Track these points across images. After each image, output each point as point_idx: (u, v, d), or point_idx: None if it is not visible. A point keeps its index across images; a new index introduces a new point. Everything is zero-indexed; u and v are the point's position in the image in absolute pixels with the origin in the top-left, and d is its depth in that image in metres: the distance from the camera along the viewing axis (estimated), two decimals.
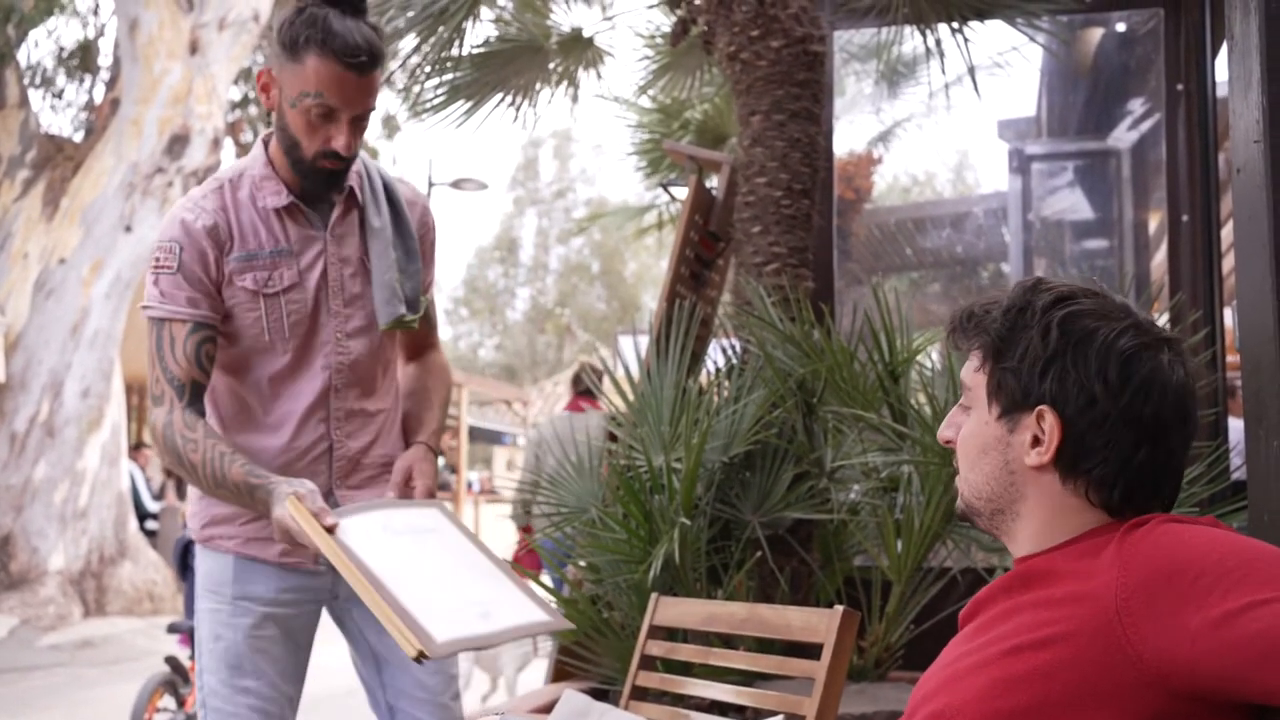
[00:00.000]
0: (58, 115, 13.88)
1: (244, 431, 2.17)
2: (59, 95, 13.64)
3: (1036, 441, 1.28)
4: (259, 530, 2.13)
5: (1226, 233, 4.29)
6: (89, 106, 13.41)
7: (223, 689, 2.12)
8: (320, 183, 2.11)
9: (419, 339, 2.38)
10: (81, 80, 13.61)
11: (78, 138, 12.31)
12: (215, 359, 2.12)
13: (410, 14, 4.13)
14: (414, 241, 2.23)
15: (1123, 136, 5.57)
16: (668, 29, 4.16)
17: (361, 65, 2.02)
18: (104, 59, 13.53)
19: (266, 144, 2.17)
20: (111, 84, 12.36)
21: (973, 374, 1.34)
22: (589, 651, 3.07)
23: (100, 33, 13.68)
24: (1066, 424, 1.26)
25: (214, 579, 2.17)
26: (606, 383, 3.51)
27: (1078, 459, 1.27)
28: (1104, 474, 1.26)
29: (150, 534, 11.96)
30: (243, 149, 16.27)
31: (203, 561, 2.21)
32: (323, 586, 2.21)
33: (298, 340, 2.13)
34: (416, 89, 4.50)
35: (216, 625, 2.15)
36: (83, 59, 13.51)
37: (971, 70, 4.08)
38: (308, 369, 2.15)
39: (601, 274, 27.46)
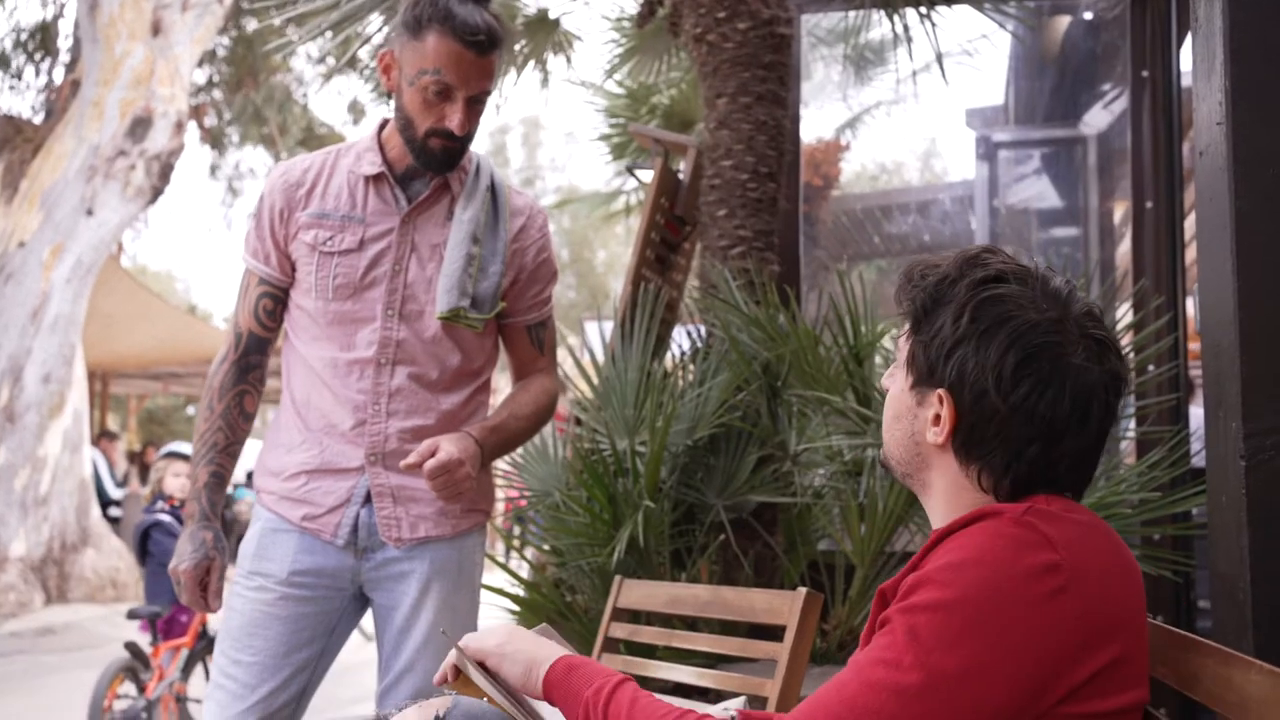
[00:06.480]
0: (16, 96, 13.65)
1: (303, 390, 2.20)
2: (18, 76, 13.42)
3: (937, 420, 1.28)
4: (292, 490, 2.17)
5: (1190, 222, 4.31)
6: (49, 88, 13.20)
7: (221, 658, 2.17)
8: (432, 162, 2.15)
9: (525, 359, 2.34)
10: (41, 61, 13.40)
11: (37, 119, 12.13)
12: (277, 316, 2.23)
13: None
14: (503, 246, 2.22)
15: (1089, 124, 5.60)
16: (635, 11, 4.13)
17: (480, 45, 2.06)
18: (64, 40, 13.32)
19: (383, 124, 2.23)
20: (72, 65, 12.16)
21: (901, 337, 1.37)
22: None
23: (60, 13, 13.47)
24: (959, 412, 1.26)
25: (240, 554, 2.21)
26: (571, 367, 3.49)
27: (970, 446, 1.27)
28: (995, 464, 1.26)
29: (113, 520, 11.83)
30: (206, 132, 16.10)
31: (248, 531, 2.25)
32: (340, 572, 2.17)
33: (340, 304, 2.16)
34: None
35: (231, 599, 2.19)
36: (42, 40, 13.30)
37: (939, 57, 4.08)
38: (354, 338, 2.16)
39: (571, 262, 27.36)
